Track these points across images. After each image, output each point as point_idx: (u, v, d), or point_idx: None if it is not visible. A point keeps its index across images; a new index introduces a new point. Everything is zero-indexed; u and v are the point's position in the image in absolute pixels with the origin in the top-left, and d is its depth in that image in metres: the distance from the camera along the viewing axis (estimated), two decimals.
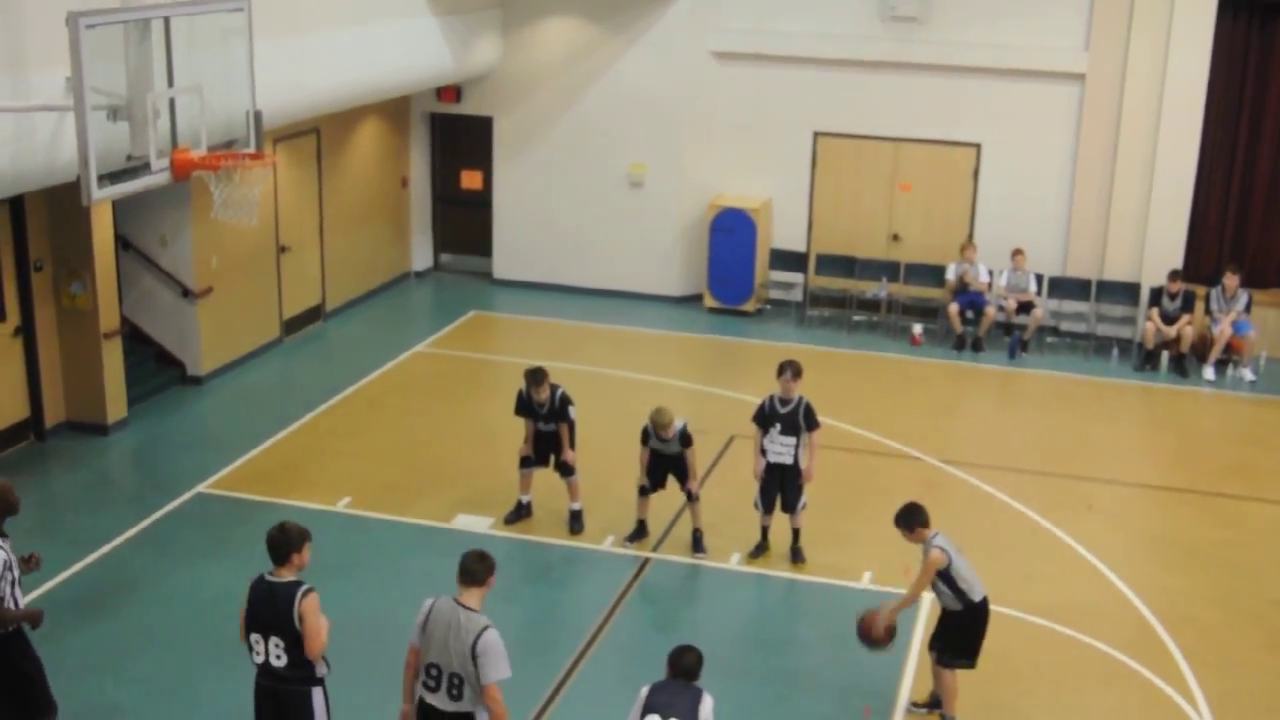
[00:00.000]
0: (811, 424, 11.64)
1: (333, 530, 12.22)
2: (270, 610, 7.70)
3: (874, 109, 18.70)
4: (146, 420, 14.76)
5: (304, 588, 7.73)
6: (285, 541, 7.76)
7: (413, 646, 7.83)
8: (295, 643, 7.69)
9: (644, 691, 7.59)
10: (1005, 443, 15.08)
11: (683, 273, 19.72)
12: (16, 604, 8.35)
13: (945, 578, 9.22)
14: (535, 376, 12.09)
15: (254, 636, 7.77)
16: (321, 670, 7.87)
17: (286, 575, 7.78)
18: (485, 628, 7.58)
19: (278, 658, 7.73)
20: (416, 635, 7.79)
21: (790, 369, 11.60)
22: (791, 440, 11.64)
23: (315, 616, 7.71)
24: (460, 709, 7.67)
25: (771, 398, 11.74)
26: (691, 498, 12.06)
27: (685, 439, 11.83)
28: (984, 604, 9.37)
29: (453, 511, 12.78)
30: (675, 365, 17.17)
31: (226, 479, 13.40)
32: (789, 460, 11.69)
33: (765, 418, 11.74)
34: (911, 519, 9.37)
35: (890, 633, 9.49)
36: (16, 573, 8.38)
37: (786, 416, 11.63)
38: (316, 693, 7.85)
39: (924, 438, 14.88)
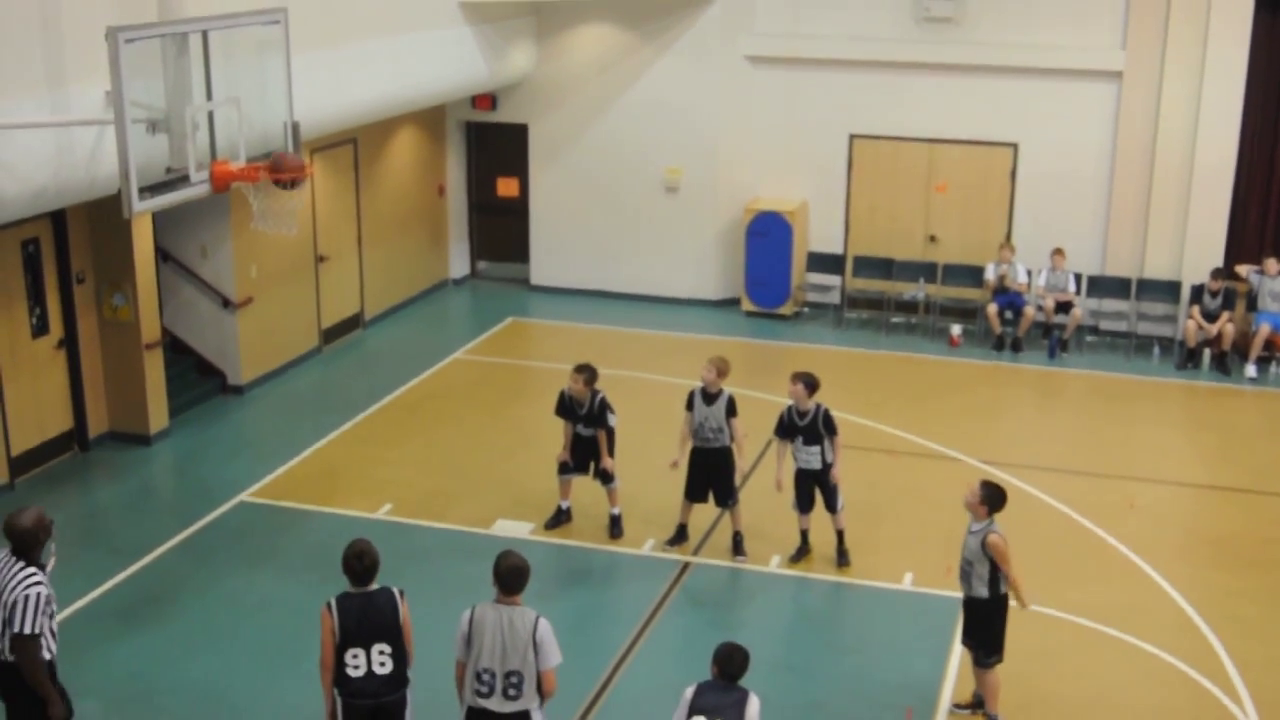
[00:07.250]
0: (831, 430, 11.67)
1: (374, 537, 12.10)
2: (371, 620, 7.81)
3: (909, 110, 18.65)
4: (188, 430, 14.88)
5: (398, 588, 7.96)
6: (372, 564, 7.95)
7: (459, 661, 7.87)
8: (399, 649, 7.86)
9: (689, 692, 7.58)
10: (1046, 443, 15.00)
11: (719, 276, 19.73)
12: (54, 635, 8.10)
13: (993, 563, 9.23)
14: (579, 368, 12.08)
15: (351, 652, 7.79)
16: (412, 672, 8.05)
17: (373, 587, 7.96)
18: (539, 616, 7.75)
19: (382, 664, 7.83)
20: (460, 649, 7.82)
21: (802, 380, 11.61)
22: (815, 448, 11.69)
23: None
24: (518, 708, 7.74)
25: (790, 409, 11.76)
26: (731, 501, 12.08)
27: (731, 407, 11.80)
28: (1007, 596, 9.38)
29: (493, 517, 12.82)
30: None
31: (268, 487, 13.49)
32: (818, 465, 11.72)
33: (786, 429, 11.79)
34: (997, 498, 9.32)
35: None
36: (54, 605, 8.35)
37: (807, 428, 11.66)
38: (409, 694, 8.00)
39: (964, 439, 14.82)
